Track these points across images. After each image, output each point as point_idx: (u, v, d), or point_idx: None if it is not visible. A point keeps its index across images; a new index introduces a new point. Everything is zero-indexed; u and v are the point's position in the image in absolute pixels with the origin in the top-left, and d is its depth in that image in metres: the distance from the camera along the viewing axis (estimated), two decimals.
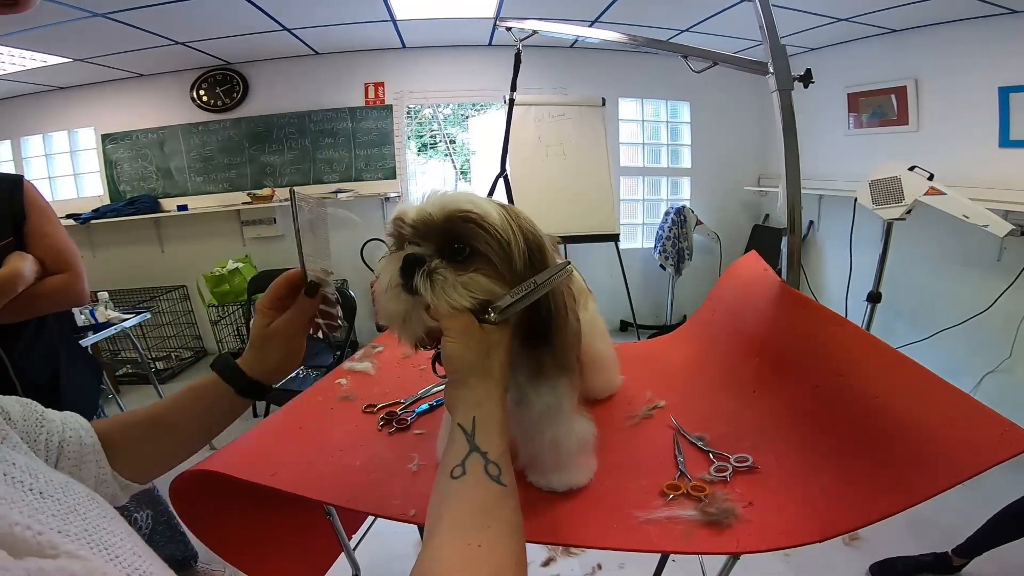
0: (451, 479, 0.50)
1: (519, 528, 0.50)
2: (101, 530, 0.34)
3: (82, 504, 0.35)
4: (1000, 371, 2.74)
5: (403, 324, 0.61)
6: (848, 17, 2.97)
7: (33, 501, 0.32)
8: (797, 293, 0.91)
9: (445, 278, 0.57)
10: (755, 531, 0.66)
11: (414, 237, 0.60)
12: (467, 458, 0.51)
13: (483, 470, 0.50)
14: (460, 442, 0.52)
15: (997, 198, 2.49)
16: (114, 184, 4.09)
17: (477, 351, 0.56)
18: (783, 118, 0.84)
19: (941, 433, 0.62)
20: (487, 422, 0.53)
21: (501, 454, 0.52)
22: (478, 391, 0.55)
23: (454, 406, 0.56)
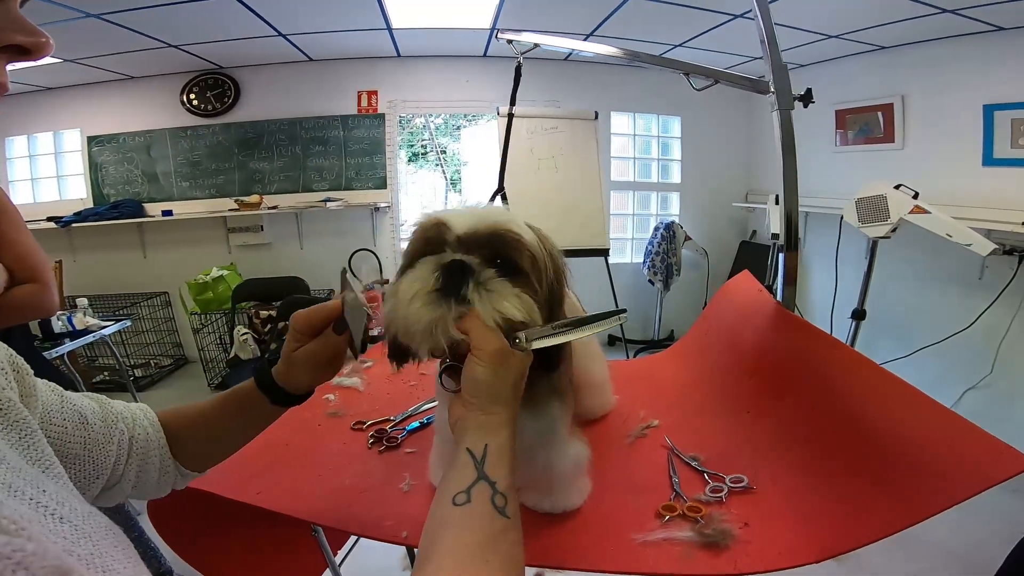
0: (453, 505, 0.48)
1: (520, 564, 0.48)
2: (107, 556, 0.34)
3: (97, 533, 0.36)
4: (980, 387, 2.78)
5: (426, 333, 0.56)
6: (838, 34, 3.03)
7: (50, 523, 0.33)
8: (793, 315, 0.92)
9: (499, 291, 0.55)
10: (753, 552, 0.66)
11: (457, 246, 0.58)
12: (473, 486, 0.49)
13: (489, 500, 0.48)
14: (467, 467, 0.50)
15: (980, 216, 2.54)
16: (98, 187, 4.03)
17: (504, 378, 0.54)
18: (783, 137, 0.85)
19: (937, 455, 0.62)
20: (499, 451, 0.51)
21: (509, 486, 0.50)
22: (496, 419, 0.53)
23: (464, 429, 0.54)
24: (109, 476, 0.58)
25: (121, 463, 0.60)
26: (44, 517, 0.33)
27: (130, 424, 0.62)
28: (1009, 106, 2.61)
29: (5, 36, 0.39)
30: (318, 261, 4.14)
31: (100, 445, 0.57)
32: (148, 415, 0.65)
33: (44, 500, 0.35)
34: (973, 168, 2.79)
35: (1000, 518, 2.13)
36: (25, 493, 0.34)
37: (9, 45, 0.40)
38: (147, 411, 0.66)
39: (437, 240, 0.59)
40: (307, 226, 4.14)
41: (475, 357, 0.54)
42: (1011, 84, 2.61)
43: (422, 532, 0.49)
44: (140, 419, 0.63)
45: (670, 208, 4.61)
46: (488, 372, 0.53)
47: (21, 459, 0.40)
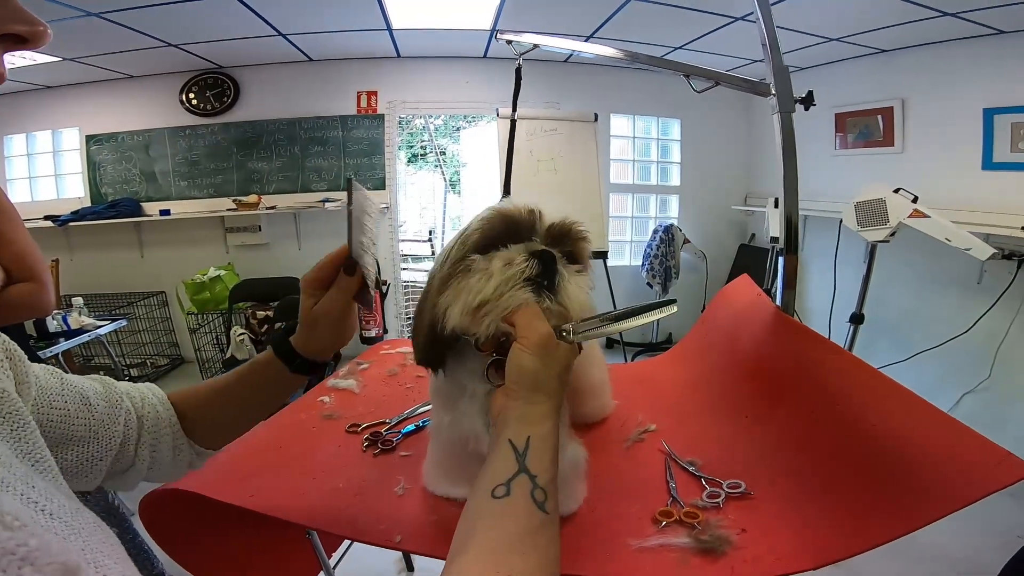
0: (491, 498, 0.46)
1: (557, 561, 0.47)
2: (98, 553, 0.34)
3: (86, 529, 0.36)
4: (979, 391, 2.78)
5: (480, 315, 0.56)
6: (839, 37, 3.03)
7: (41, 520, 0.33)
8: (793, 320, 0.91)
9: (579, 284, 0.58)
10: (749, 558, 0.65)
11: (544, 236, 0.60)
12: (513, 479, 0.47)
13: (529, 494, 0.47)
14: (507, 460, 0.49)
15: (979, 221, 2.54)
16: (96, 186, 4.02)
17: (549, 367, 0.54)
18: (784, 140, 0.84)
19: (936, 461, 0.61)
20: (542, 444, 0.50)
21: (550, 480, 0.49)
22: (539, 409, 0.52)
23: (507, 420, 0.52)
24: (117, 456, 0.59)
25: (131, 443, 0.60)
26: (35, 513, 0.33)
27: (138, 403, 0.62)
28: (1009, 110, 2.61)
29: (3, 25, 0.39)
30: (316, 261, 4.11)
31: (105, 425, 0.57)
32: (156, 393, 0.65)
33: (34, 496, 0.35)
34: (973, 172, 2.79)
35: (999, 523, 2.13)
36: (16, 488, 0.34)
37: (7, 34, 0.40)
38: (155, 390, 0.66)
39: (524, 228, 0.59)
40: (305, 226, 4.13)
41: (521, 345, 0.53)
42: (1011, 87, 2.61)
43: (458, 524, 0.48)
44: (148, 398, 0.64)
45: (669, 211, 4.60)
46: (534, 360, 0.53)
47: (11, 453, 0.39)
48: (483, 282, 0.56)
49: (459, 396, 0.69)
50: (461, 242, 0.60)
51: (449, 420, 0.70)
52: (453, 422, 0.70)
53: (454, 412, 0.70)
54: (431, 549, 0.73)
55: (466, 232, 0.61)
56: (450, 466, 0.77)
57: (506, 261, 0.57)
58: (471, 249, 0.59)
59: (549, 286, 0.57)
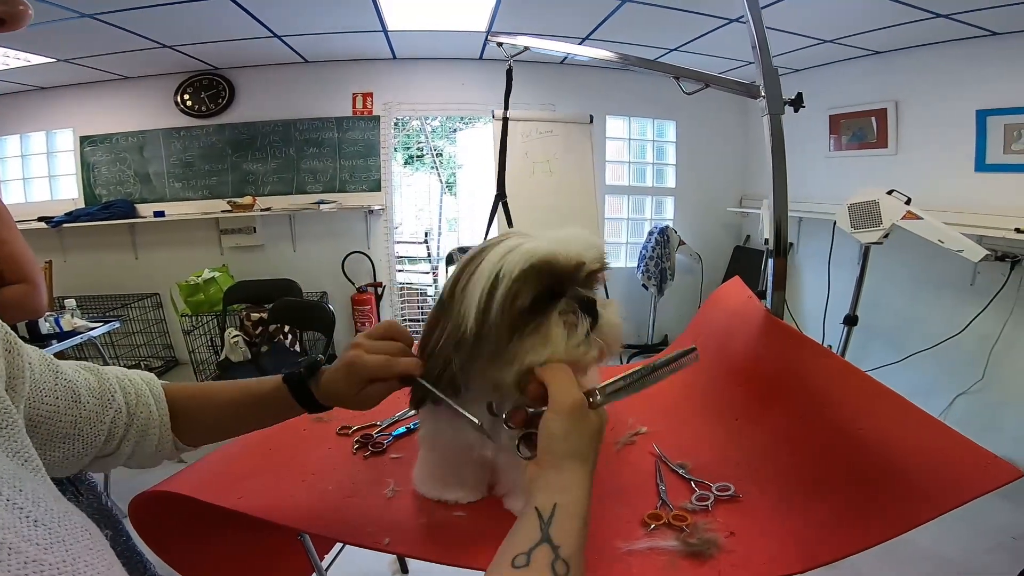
0: (511, 568, 0.45)
1: None
2: (80, 561, 0.34)
3: (72, 535, 0.35)
4: (971, 393, 2.79)
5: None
6: (833, 39, 3.04)
7: (24, 528, 0.32)
8: (783, 324, 0.91)
9: (613, 313, 0.61)
10: (737, 562, 0.65)
11: (584, 281, 0.60)
12: (535, 548, 0.46)
13: (549, 565, 0.45)
14: (531, 527, 0.48)
15: (972, 222, 2.55)
16: (90, 187, 4.00)
17: (581, 432, 0.53)
18: (773, 142, 0.85)
19: (925, 465, 0.62)
20: (568, 511, 0.49)
21: (575, 551, 0.47)
22: (567, 475, 0.51)
23: (536, 488, 0.51)
24: (100, 450, 0.58)
25: (116, 438, 0.59)
26: (19, 520, 0.33)
27: (132, 399, 0.61)
28: (1002, 111, 2.63)
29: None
30: (311, 263, 4.12)
31: (91, 424, 0.56)
32: (154, 390, 0.65)
33: (19, 500, 0.34)
34: (966, 174, 2.80)
35: (993, 525, 2.14)
36: (1, 493, 0.33)
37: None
38: (153, 384, 0.65)
39: (569, 278, 0.59)
40: (300, 228, 4.12)
41: (553, 412, 0.53)
42: (1004, 89, 2.62)
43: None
44: (144, 394, 0.63)
45: (664, 212, 4.61)
46: (565, 425, 0.52)
47: (1, 453, 0.39)
48: (544, 350, 0.57)
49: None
50: (504, 304, 0.57)
51: (452, 433, 0.70)
52: (457, 431, 0.69)
53: (455, 422, 0.69)
54: (420, 551, 0.73)
55: (502, 289, 0.57)
56: (445, 472, 0.77)
57: (565, 325, 0.58)
58: (519, 310, 0.57)
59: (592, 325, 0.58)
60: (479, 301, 0.57)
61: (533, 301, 0.57)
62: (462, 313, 0.59)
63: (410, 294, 4.48)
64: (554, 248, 0.58)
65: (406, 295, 4.43)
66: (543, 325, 0.57)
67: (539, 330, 0.57)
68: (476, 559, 0.68)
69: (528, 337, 0.57)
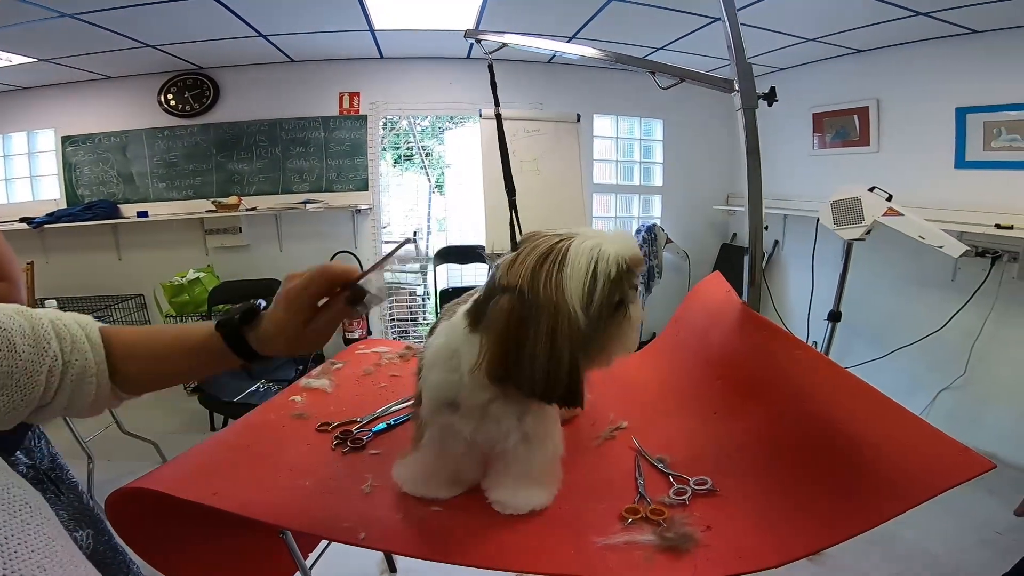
0: None
1: None
2: (14, 540, 0.33)
3: (6, 508, 0.35)
4: (954, 388, 2.82)
5: None
6: (816, 37, 3.06)
7: None
8: (759, 316, 0.91)
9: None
10: (713, 556, 0.65)
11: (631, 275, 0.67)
12: None
13: None
14: None
15: (952, 219, 2.58)
16: (72, 188, 3.94)
17: None
18: (747, 137, 0.85)
19: (897, 457, 0.62)
20: None
21: None
22: None
23: None
24: (38, 402, 0.55)
25: (52, 389, 0.56)
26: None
27: (67, 346, 0.57)
28: (981, 109, 2.66)
29: None
30: (298, 263, 3.99)
31: (28, 374, 0.53)
32: (91, 335, 0.60)
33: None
34: (946, 171, 2.83)
35: (977, 518, 2.16)
36: None
37: None
38: (89, 328, 0.60)
39: (630, 272, 0.66)
40: (287, 228, 4.09)
41: None
42: (983, 87, 2.66)
43: None
44: (80, 339, 0.58)
45: (652, 211, 4.62)
46: None
47: None
48: (631, 338, 0.69)
49: (490, 402, 0.71)
50: (606, 298, 0.63)
51: (472, 428, 0.72)
52: (477, 429, 0.72)
53: (478, 419, 0.72)
54: (396, 546, 0.73)
55: (600, 286, 0.63)
56: (441, 471, 0.78)
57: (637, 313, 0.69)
58: (611, 299, 0.64)
59: None
60: (583, 297, 0.62)
61: (618, 292, 0.65)
62: (564, 307, 0.62)
63: (399, 294, 4.46)
64: (625, 252, 0.65)
65: (395, 295, 4.41)
66: (627, 319, 0.67)
67: (623, 323, 0.67)
68: (451, 553, 0.68)
69: (613, 328, 0.66)
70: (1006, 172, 2.59)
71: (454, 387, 0.70)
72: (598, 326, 0.63)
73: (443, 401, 0.72)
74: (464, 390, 0.70)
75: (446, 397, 0.72)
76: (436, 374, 0.72)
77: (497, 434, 0.72)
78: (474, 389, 0.69)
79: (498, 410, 0.71)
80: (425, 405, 0.75)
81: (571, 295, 0.61)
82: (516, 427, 0.72)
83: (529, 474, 0.76)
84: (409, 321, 4.36)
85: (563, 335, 0.61)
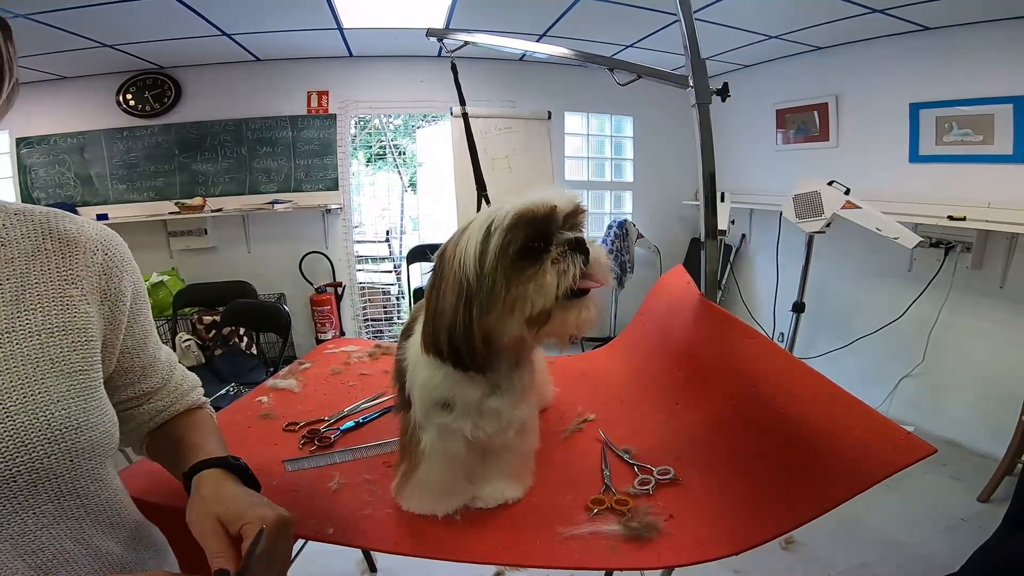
0: None
1: None
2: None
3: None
4: (914, 375, 2.92)
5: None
6: (778, 35, 3.12)
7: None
8: (715, 307, 0.93)
9: (599, 249, 0.66)
10: (675, 545, 0.67)
11: (562, 222, 0.64)
12: None
13: None
14: None
15: (907, 211, 2.66)
16: (27, 191, 3.79)
17: None
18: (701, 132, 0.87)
19: (845, 444, 0.63)
20: None
21: None
22: None
23: None
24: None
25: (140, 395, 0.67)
26: None
27: (174, 392, 0.71)
28: (933, 104, 2.75)
29: None
30: (267, 264, 4.01)
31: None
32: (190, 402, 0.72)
33: None
34: (901, 164, 2.92)
35: (941, 506, 2.23)
36: None
37: None
38: (194, 399, 0.73)
39: (550, 224, 0.63)
40: (255, 229, 4.01)
41: None
42: (936, 83, 2.75)
43: None
44: (184, 394, 0.72)
45: (623, 207, 4.67)
46: None
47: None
48: (542, 292, 0.60)
49: (485, 396, 0.69)
50: (498, 253, 0.60)
51: (471, 425, 0.70)
52: (477, 425, 0.70)
53: (475, 416, 0.70)
54: (365, 541, 0.73)
55: (495, 240, 0.60)
56: (449, 479, 0.74)
57: (558, 270, 0.61)
58: (512, 260, 0.61)
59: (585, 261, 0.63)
60: (475, 253, 0.61)
61: (524, 248, 0.61)
62: (460, 267, 0.61)
63: (373, 293, 4.42)
64: (531, 200, 0.63)
65: (368, 295, 4.36)
66: (538, 272, 0.61)
67: (534, 277, 0.61)
68: (421, 547, 0.69)
69: (524, 284, 0.61)
70: (958, 166, 2.69)
71: (445, 383, 0.69)
72: (497, 281, 0.61)
73: (436, 401, 0.70)
74: (455, 387, 0.69)
75: (439, 396, 0.70)
76: (423, 372, 0.70)
77: (498, 428, 0.71)
78: (463, 384, 0.68)
79: (495, 403, 0.70)
80: (417, 407, 0.72)
81: (467, 255, 0.61)
82: (516, 418, 0.72)
83: (512, 466, 0.76)
84: (384, 320, 4.32)
85: (459, 295, 0.62)
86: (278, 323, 2.52)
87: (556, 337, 0.65)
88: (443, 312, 0.63)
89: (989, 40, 2.52)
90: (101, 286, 0.59)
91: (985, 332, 2.64)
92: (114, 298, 0.60)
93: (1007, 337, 2.54)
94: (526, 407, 0.73)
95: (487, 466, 0.76)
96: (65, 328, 0.54)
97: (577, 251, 0.62)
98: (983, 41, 2.54)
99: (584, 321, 0.63)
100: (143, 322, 0.66)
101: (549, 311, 0.61)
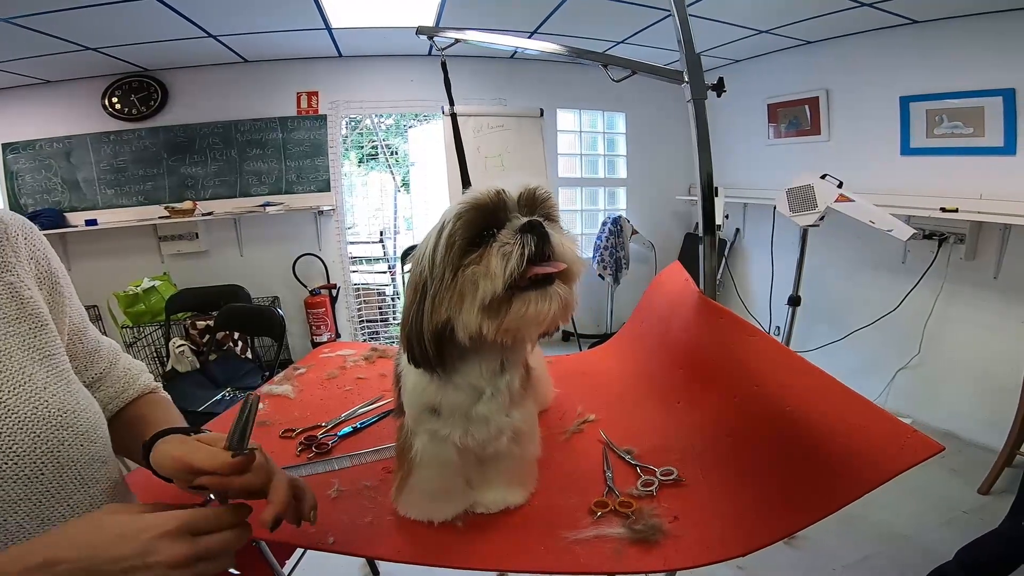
0: None
1: None
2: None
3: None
4: (911, 367, 2.93)
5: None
6: (768, 29, 3.12)
7: None
8: (715, 304, 0.92)
9: (565, 238, 0.63)
10: (682, 547, 0.66)
11: (517, 207, 0.62)
12: None
13: None
14: None
15: (900, 203, 2.67)
16: (14, 197, 3.74)
17: None
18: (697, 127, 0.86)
19: (851, 442, 0.62)
20: None
21: None
22: None
23: None
24: None
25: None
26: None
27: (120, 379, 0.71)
28: (923, 97, 2.76)
29: None
30: (260, 268, 3.98)
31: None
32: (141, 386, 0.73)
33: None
34: (892, 157, 2.93)
35: (943, 499, 2.23)
36: None
37: None
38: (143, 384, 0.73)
39: (500, 209, 0.62)
40: (247, 232, 3.98)
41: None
42: (925, 76, 2.76)
43: None
44: (134, 381, 0.72)
45: (617, 203, 4.66)
46: None
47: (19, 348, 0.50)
48: (488, 276, 0.58)
49: (472, 403, 0.68)
50: (447, 244, 0.60)
51: (461, 432, 0.68)
52: (467, 432, 0.69)
53: (464, 423, 0.68)
54: (366, 550, 0.72)
55: (445, 232, 0.60)
56: (444, 485, 0.73)
57: (503, 253, 0.59)
58: (460, 249, 0.60)
59: (544, 247, 0.60)
60: (430, 248, 0.62)
61: (473, 237, 0.61)
62: (418, 264, 0.63)
63: (368, 294, 4.39)
64: (479, 188, 0.63)
65: (363, 296, 4.34)
66: (483, 256, 0.60)
67: (479, 261, 0.60)
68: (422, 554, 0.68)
69: (471, 268, 0.60)
70: (949, 158, 2.70)
71: (431, 388, 0.68)
72: (446, 271, 0.60)
73: (424, 407, 0.69)
74: (440, 392, 0.67)
75: (426, 401, 0.69)
76: (412, 377, 0.69)
77: (488, 435, 0.69)
78: (448, 390, 0.67)
79: (483, 410, 0.68)
80: (408, 413, 0.72)
81: (425, 251, 0.62)
82: (507, 425, 0.70)
83: (514, 471, 0.75)
84: (379, 322, 4.30)
85: (415, 292, 0.63)
86: (272, 327, 2.50)
87: (522, 331, 0.62)
88: (404, 311, 0.64)
89: (978, 33, 2.52)
90: (33, 270, 0.59)
91: (980, 323, 2.65)
92: (49, 280, 0.60)
93: (1002, 327, 2.55)
94: (519, 413, 0.71)
95: (487, 471, 0.74)
96: (20, 316, 0.54)
97: (530, 235, 0.60)
98: (972, 34, 2.55)
99: (544, 312, 0.59)
100: (77, 305, 0.66)
101: (504, 300, 0.59)
